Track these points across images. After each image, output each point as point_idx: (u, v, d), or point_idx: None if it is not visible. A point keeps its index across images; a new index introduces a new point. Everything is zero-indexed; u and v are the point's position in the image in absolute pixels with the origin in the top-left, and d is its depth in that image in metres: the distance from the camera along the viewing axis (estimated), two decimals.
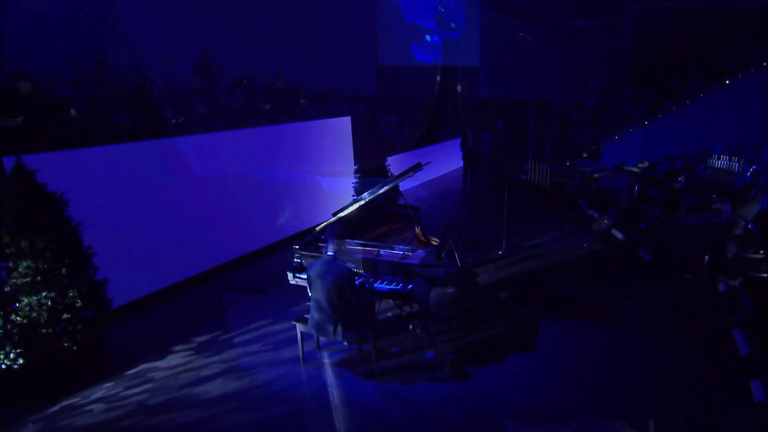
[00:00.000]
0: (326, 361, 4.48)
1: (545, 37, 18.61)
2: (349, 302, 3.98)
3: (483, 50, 18.59)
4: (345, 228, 4.16)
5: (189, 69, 8.58)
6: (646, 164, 12.07)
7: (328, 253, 4.02)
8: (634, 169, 12.12)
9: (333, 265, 3.91)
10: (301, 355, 4.38)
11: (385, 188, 4.81)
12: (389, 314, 5.33)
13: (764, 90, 15.91)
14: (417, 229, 5.31)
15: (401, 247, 4.79)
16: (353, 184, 8.34)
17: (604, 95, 19.14)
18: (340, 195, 8.81)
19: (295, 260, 4.87)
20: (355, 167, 8.54)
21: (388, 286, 4.36)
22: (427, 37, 17.98)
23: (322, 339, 4.52)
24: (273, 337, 4.90)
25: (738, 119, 16.18)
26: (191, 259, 6.24)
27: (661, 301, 5.55)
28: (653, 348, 4.61)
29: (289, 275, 4.79)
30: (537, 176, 11.69)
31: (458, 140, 12.08)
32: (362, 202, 4.81)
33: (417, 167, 4.79)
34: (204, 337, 4.94)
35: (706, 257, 5.90)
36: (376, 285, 4.40)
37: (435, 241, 4.87)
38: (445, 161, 13.73)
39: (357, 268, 4.56)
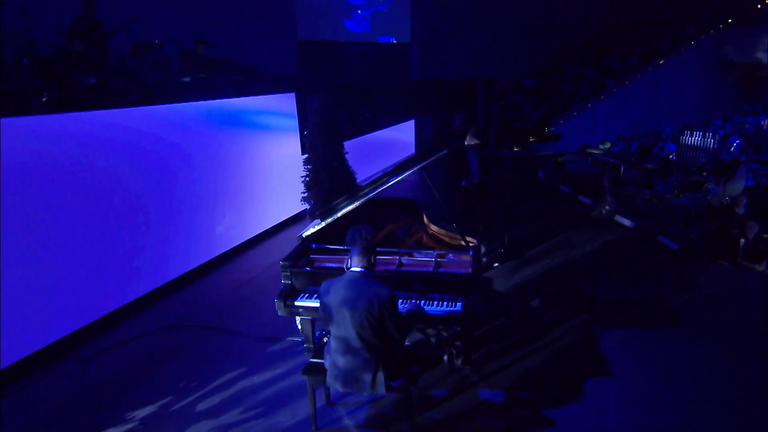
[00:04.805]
0: (348, 422, 3.42)
1: (479, 10, 18.66)
2: (389, 337, 2.99)
3: (414, 24, 18.16)
4: (374, 231, 3.16)
5: (60, 27, 6.81)
6: (608, 145, 12.36)
7: (353, 269, 3.00)
8: (596, 151, 12.35)
9: (365, 284, 2.90)
10: (312, 417, 3.29)
11: (403, 175, 3.87)
12: (406, 342, 4.38)
13: (696, 69, 17.37)
14: (434, 227, 4.46)
15: (427, 252, 3.90)
16: (303, 179, 7.21)
17: (542, 75, 19.73)
18: (290, 192, 7.60)
19: (283, 281, 3.74)
20: (305, 156, 7.37)
21: (437, 309, 3.42)
22: (352, 8, 17.13)
23: (334, 391, 3.45)
24: (255, 396, 3.72)
25: (676, 98, 17.49)
26: (112, 287, 4.75)
27: (718, 294, 5.26)
28: (749, 355, 4.17)
29: (278, 303, 3.66)
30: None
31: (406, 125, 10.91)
32: (366, 198, 3.82)
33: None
34: (147, 410, 3.59)
35: (742, 240, 5.76)
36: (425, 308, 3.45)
37: (472, 241, 4.02)
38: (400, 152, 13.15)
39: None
